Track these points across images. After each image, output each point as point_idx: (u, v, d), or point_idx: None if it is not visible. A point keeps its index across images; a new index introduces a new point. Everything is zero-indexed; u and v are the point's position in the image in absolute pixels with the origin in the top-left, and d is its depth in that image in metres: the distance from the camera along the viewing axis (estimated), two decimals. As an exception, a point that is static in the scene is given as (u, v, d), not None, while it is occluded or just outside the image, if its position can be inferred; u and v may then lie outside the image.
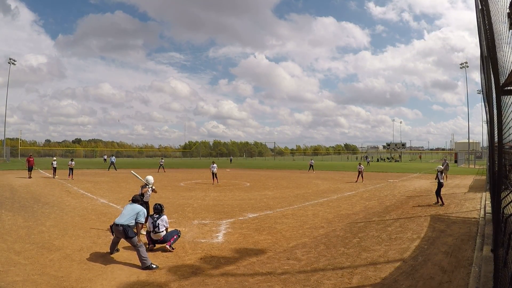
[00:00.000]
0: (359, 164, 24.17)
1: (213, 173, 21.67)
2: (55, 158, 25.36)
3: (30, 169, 23.43)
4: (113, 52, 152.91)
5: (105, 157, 34.79)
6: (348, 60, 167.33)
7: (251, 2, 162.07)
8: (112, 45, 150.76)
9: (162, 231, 6.97)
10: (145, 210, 6.64)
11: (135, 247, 6.10)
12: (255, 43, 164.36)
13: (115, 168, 33.28)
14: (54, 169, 23.77)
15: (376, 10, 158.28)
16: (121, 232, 6.18)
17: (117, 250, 6.73)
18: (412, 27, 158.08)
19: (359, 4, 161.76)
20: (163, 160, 35.46)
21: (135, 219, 6.34)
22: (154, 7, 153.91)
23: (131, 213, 6.39)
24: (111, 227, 6.68)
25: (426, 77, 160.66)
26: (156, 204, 7.29)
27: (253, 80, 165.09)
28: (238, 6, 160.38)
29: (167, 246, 6.89)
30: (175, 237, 7.08)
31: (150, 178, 8.68)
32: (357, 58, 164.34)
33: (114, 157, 35.93)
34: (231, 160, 66.37)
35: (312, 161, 36.89)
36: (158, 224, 6.96)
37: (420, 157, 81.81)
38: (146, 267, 5.84)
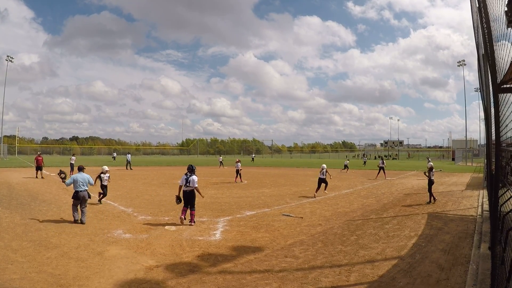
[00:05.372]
0: (382, 159, 26.23)
1: (237, 171, 21.56)
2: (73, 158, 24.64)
3: (38, 168, 21.09)
4: (103, 51, 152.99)
5: (129, 156, 33.59)
6: (337, 58, 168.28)
7: (232, 1, 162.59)
8: (100, 44, 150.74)
9: (192, 187, 9.17)
10: (90, 176, 9.50)
11: (85, 205, 9.13)
12: (239, 42, 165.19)
13: (126, 166, 32.53)
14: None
15: (355, 10, 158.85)
16: (86, 195, 9.10)
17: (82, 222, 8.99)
18: (393, 25, 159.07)
19: (338, 4, 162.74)
20: (221, 158, 40.25)
21: (88, 183, 9.34)
22: (138, 9, 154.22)
23: (85, 181, 9.20)
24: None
25: (415, 75, 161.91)
26: (190, 164, 9.54)
27: (243, 79, 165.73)
28: (220, 6, 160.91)
29: (192, 223, 9.05)
30: (193, 213, 9.18)
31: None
32: (346, 57, 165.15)
33: (129, 155, 34.69)
34: (253, 158, 57.63)
35: (347, 161, 33.75)
36: (190, 180, 9.14)
37: (409, 155, 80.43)
38: (83, 222, 8.89)
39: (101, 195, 12.27)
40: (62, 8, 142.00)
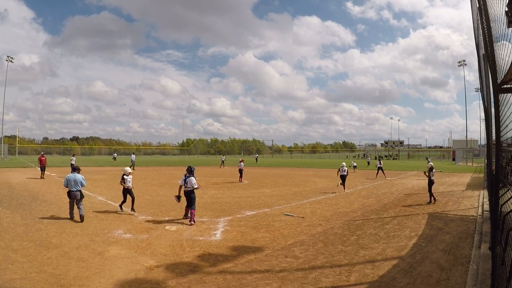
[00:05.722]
0: (379, 159, 26.82)
1: (240, 170, 21.75)
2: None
3: (42, 169, 21.54)
4: (103, 51, 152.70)
5: (133, 156, 33.24)
6: (337, 58, 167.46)
7: (231, 1, 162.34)
8: (100, 44, 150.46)
9: (190, 187, 9.37)
10: (83, 177, 9.73)
11: (80, 203, 9.47)
12: (239, 42, 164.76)
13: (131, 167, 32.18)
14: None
15: (355, 10, 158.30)
16: (78, 195, 9.44)
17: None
18: (393, 25, 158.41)
19: (337, 4, 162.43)
20: (224, 157, 40.38)
21: (81, 185, 9.55)
22: (137, 9, 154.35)
23: (77, 182, 9.48)
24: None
25: (415, 75, 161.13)
26: (189, 166, 9.84)
27: (243, 79, 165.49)
28: (219, 6, 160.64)
29: (192, 222, 9.13)
30: (193, 212, 9.29)
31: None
32: (345, 57, 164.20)
33: (133, 155, 34.39)
34: (256, 159, 55.58)
35: (354, 163, 34.62)
36: (187, 181, 9.40)
37: (408, 155, 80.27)
38: (82, 215, 9.25)
39: (129, 202, 10.75)
40: (62, 9, 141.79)
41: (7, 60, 56.77)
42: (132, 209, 10.74)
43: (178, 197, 9.61)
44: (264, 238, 7.87)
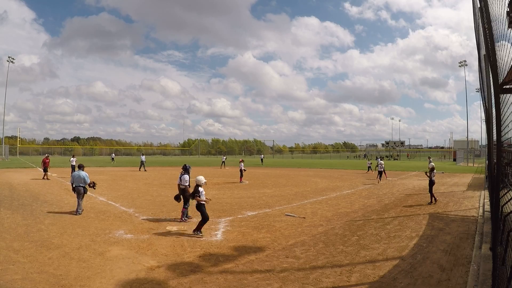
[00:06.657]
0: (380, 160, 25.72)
1: (240, 171, 21.78)
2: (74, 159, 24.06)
3: (45, 170, 21.80)
4: (102, 52, 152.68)
5: (143, 157, 32.23)
6: (336, 59, 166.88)
7: (229, 2, 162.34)
8: (99, 45, 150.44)
9: (184, 185, 9.73)
10: (87, 174, 10.55)
11: (82, 198, 10.44)
12: (237, 43, 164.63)
13: (140, 168, 31.37)
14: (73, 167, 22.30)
15: (352, 10, 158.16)
16: (82, 190, 10.32)
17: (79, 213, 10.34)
18: (391, 26, 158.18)
19: (335, 4, 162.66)
20: (225, 157, 39.92)
21: (84, 182, 10.35)
22: (136, 10, 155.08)
23: (81, 178, 10.32)
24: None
25: (415, 75, 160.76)
26: (185, 164, 10.35)
27: (242, 79, 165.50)
28: (217, 7, 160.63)
29: (182, 219, 9.49)
30: (183, 210, 9.60)
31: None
32: (345, 57, 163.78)
33: (143, 156, 32.69)
34: (262, 159, 53.27)
35: (370, 162, 33.15)
36: (181, 179, 9.84)
37: (408, 156, 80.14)
38: (78, 212, 10.23)
39: (202, 222, 8.09)
40: (63, 9, 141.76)
41: (8, 61, 56.89)
42: (196, 230, 8.08)
43: (177, 197, 9.63)
44: (265, 238, 7.88)
